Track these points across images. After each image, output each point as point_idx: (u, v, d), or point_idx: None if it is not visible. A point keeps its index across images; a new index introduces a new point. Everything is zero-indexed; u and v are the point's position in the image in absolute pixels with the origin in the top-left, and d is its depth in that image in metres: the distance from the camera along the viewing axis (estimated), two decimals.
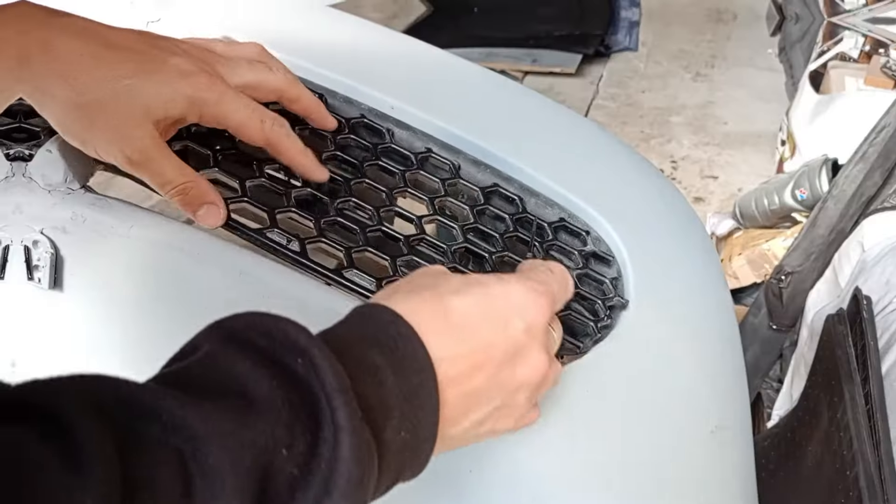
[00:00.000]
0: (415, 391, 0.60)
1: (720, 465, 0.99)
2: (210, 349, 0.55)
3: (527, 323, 0.69)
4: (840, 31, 3.66)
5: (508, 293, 0.69)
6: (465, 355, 0.65)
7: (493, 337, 0.67)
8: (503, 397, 0.68)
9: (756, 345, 2.42)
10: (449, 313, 0.65)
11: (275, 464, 0.50)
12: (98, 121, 0.77)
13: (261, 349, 0.55)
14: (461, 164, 1.03)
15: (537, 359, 0.70)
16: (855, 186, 2.09)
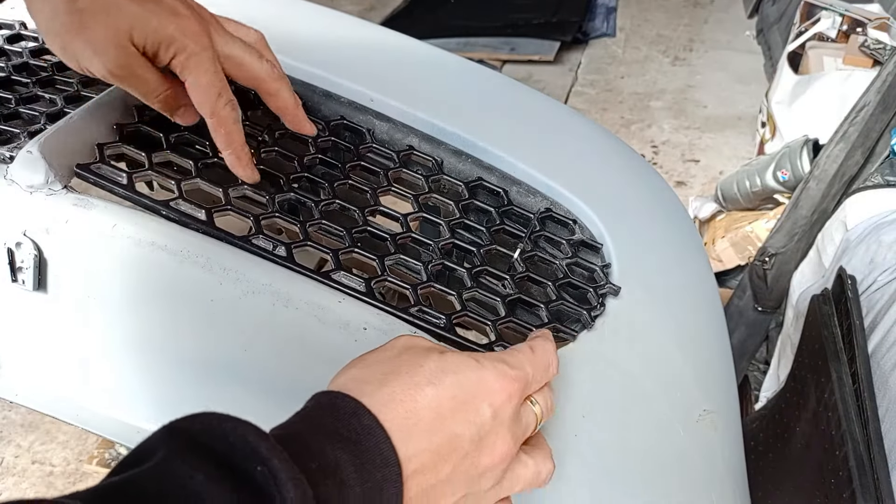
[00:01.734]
0: (378, 486, 0.59)
1: (709, 449, 0.99)
2: (165, 455, 0.52)
3: (493, 409, 0.67)
4: (817, 11, 3.67)
5: (481, 378, 0.68)
6: (432, 449, 0.63)
7: (461, 427, 0.65)
8: (467, 485, 0.67)
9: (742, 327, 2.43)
10: (419, 408, 0.64)
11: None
12: (84, 29, 0.79)
13: (218, 456, 0.52)
14: (444, 158, 1.03)
15: (502, 445, 0.68)
16: (836, 166, 2.10)
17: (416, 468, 0.62)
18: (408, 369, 0.66)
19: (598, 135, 1.26)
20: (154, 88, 0.84)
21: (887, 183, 1.98)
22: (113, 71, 0.80)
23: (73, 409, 0.84)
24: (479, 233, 0.96)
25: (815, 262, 2.14)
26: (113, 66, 0.80)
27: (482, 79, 1.25)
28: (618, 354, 0.92)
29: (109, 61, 0.80)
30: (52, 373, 0.85)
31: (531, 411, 0.72)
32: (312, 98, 1.05)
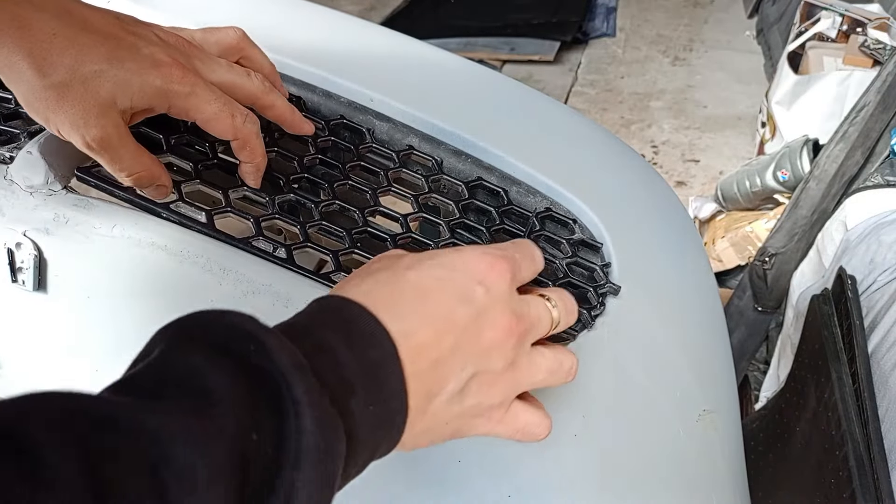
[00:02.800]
0: (375, 365, 0.60)
1: (709, 449, 0.99)
2: (164, 348, 0.54)
3: (486, 286, 0.68)
4: (817, 11, 3.67)
5: (465, 261, 0.69)
6: (425, 325, 0.64)
7: (453, 304, 0.66)
8: (475, 363, 0.67)
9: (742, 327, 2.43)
10: (404, 289, 0.65)
11: (248, 450, 0.50)
12: (63, 104, 0.76)
13: (213, 343, 0.54)
14: (443, 158, 1.03)
15: (502, 319, 0.68)
16: (836, 166, 2.10)
17: (414, 344, 0.63)
18: (386, 266, 0.68)
19: (598, 135, 1.26)
20: (129, 167, 0.81)
21: (887, 183, 1.98)
22: (90, 144, 0.78)
23: None
24: (479, 233, 0.96)
25: (815, 262, 2.14)
26: (90, 139, 0.78)
27: (482, 79, 1.25)
28: (618, 354, 0.91)
29: (88, 133, 0.77)
30: (52, 373, 0.85)
31: (542, 304, 0.73)
32: (312, 98, 1.04)
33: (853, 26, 3.47)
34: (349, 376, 0.58)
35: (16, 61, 0.75)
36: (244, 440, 0.50)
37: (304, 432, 0.51)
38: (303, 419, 0.52)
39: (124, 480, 0.44)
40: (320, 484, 0.52)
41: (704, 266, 1.19)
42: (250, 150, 0.86)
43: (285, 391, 0.52)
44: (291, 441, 0.51)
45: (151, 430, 0.46)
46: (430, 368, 0.64)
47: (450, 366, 0.65)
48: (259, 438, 0.50)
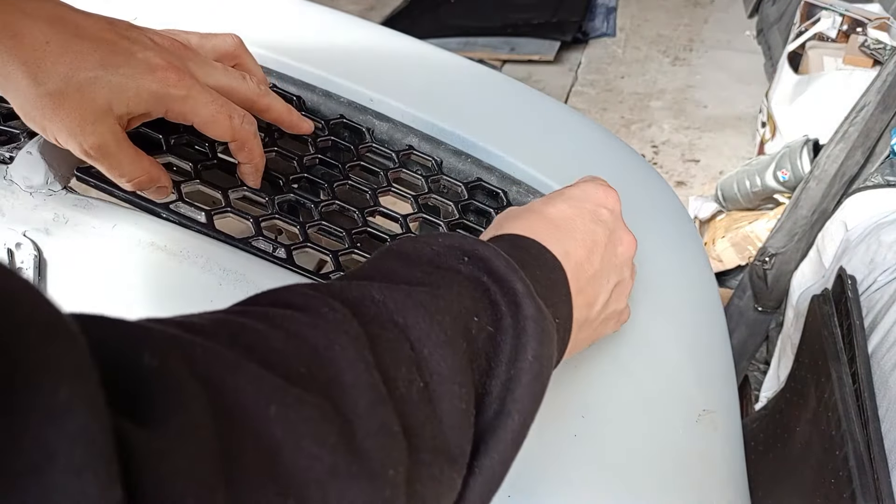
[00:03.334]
0: (554, 284, 0.69)
1: (709, 449, 0.99)
2: (381, 263, 0.62)
3: (609, 208, 0.81)
4: (817, 11, 3.67)
5: (586, 191, 0.81)
6: (578, 247, 0.75)
7: (592, 226, 0.78)
8: (617, 274, 0.81)
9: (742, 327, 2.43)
10: (551, 220, 0.76)
11: (471, 326, 0.57)
12: (59, 111, 0.76)
13: (427, 257, 0.63)
14: (443, 158, 1.03)
15: (626, 236, 0.83)
16: (837, 166, 2.10)
17: (574, 264, 0.73)
18: (525, 211, 0.78)
19: (598, 135, 1.26)
20: (128, 172, 0.81)
21: (887, 183, 1.98)
22: (87, 151, 0.78)
23: None
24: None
25: (815, 262, 2.14)
26: (88, 147, 0.77)
27: (482, 79, 1.25)
28: (617, 354, 0.91)
29: (85, 141, 0.77)
30: None
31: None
32: (312, 98, 1.04)
33: (853, 26, 3.47)
34: (541, 290, 0.65)
35: (10, 70, 0.75)
36: (468, 318, 0.57)
37: (528, 318, 0.59)
38: (524, 308, 0.59)
39: (381, 331, 0.52)
40: (545, 361, 0.60)
41: (704, 266, 1.19)
42: (248, 151, 0.87)
43: (505, 285, 0.60)
44: (511, 327, 0.59)
45: (397, 303, 0.55)
46: (588, 283, 0.76)
47: (600, 279, 0.78)
48: (480, 321, 0.58)
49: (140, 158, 0.81)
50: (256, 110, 0.90)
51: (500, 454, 0.56)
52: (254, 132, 0.86)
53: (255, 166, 0.89)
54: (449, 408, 0.52)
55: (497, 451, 0.56)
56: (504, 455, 0.57)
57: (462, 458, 0.53)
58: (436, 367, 0.53)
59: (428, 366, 0.53)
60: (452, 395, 0.53)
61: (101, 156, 0.78)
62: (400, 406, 0.49)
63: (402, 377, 0.50)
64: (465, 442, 0.54)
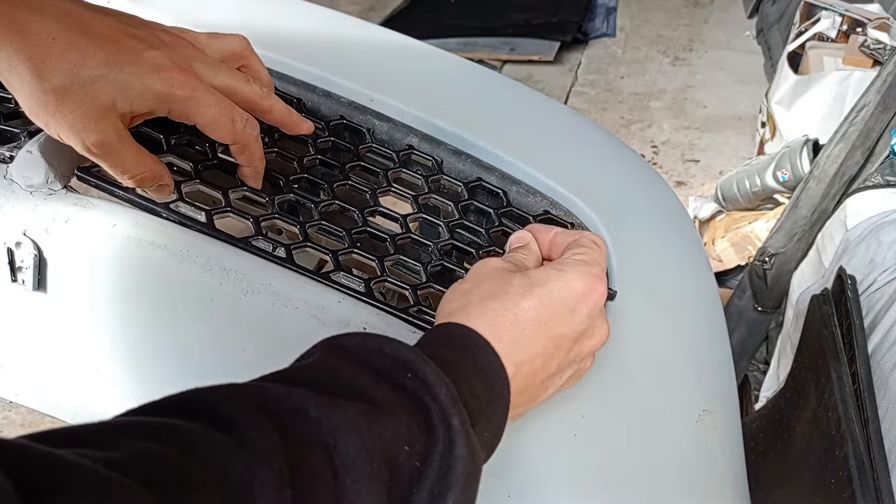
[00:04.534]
0: (495, 398, 0.68)
1: (709, 449, 0.99)
2: (329, 360, 0.62)
3: (588, 308, 0.77)
4: (817, 11, 3.67)
5: (569, 286, 0.76)
6: (538, 353, 0.72)
7: (562, 328, 0.74)
8: (573, 367, 0.78)
9: (742, 327, 2.43)
10: (519, 319, 0.72)
11: (399, 457, 0.57)
12: (63, 108, 0.76)
13: (376, 368, 0.61)
14: (443, 158, 1.02)
15: (600, 331, 0.79)
16: (836, 166, 2.10)
17: (526, 372, 0.71)
18: (499, 290, 0.74)
19: (598, 135, 1.26)
20: (130, 169, 0.81)
21: (887, 183, 1.98)
22: (90, 148, 0.78)
23: (73, 410, 0.85)
24: (478, 234, 0.96)
25: (815, 262, 2.14)
26: (91, 143, 0.77)
27: (482, 79, 1.25)
28: (617, 354, 0.91)
29: (88, 138, 0.77)
30: (52, 373, 0.85)
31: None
32: (312, 98, 1.04)
33: (853, 26, 3.47)
34: (479, 407, 0.65)
35: (16, 66, 0.75)
36: (398, 448, 0.57)
37: (458, 458, 0.58)
38: (457, 447, 0.59)
39: (309, 457, 0.52)
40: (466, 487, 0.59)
41: (704, 266, 1.19)
42: (249, 154, 0.87)
43: (440, 418, 0.59)
44: (439, 460, 0.58)
45: (332, 422, 0.55)
46: (539, 385, 0.74)
47: (553, 379, 0.76)
48: (410, 451, 0.57)
49: (142, 155, 0.81)
50: (259, 112, 0.89)
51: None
52: (255, 136, 0.86)
53: (255, 169, 0.89)
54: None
55: None
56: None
57: None
58: (354, 498, 0.53)
59: (347, 496, 0.53)
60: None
61: (104, 153, 0.78)
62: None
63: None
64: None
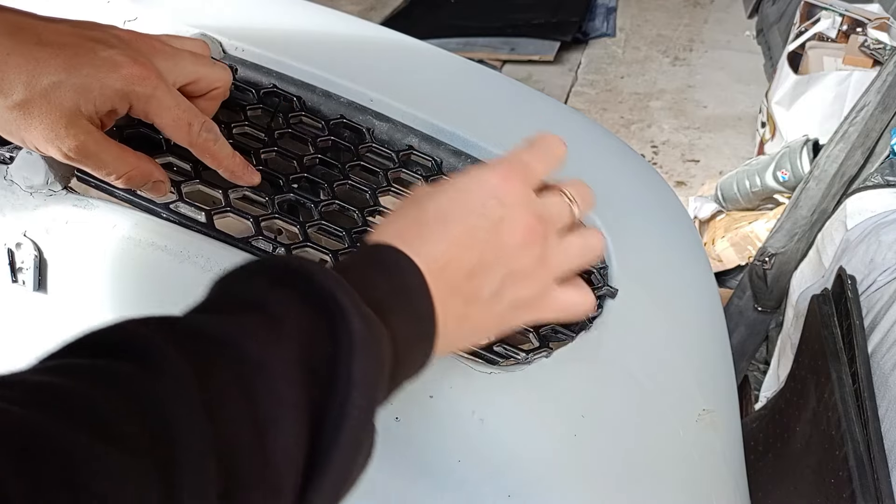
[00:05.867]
0: (408, 289, 0.67)
1: (709, 449, 0.99)
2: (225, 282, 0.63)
3: (498, 198, 0.74)
4: (817, 11, 3.67)
5: (480, 181, 0.75)
6: (450, 247, 0.71)
7: (472, 220, 0.72)
8: (504, 265, 0.74)
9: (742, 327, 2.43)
10: (424, 215, 0.72)
11: (306, 351, 0.57)
12: (30, 120, 0.76)
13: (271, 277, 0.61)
14: (443, 158, 1.02)
15: (520, 219, 0.74)
16: (836, 166, 2.10)
17: (442, 265, 0.70)
18: (411, 202, 0.75)
19: (598, 135, 1.26)
20: (115, 169, 0.81)
21: (887, 183, 1.98)
22: (67, 154, 0.78)
23: None
24: None
25: (815, 262, 2.14)
26: (67, 150, 0.77)
27: (482, 79, 1.25)
28: (617, 354, 0.92)
29: (63, 145, 0.77)
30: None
31: (559, 200, 0.80)
32: (312, 98, 1.04)
33: (853, 26, 3.47)
34: (384, 297, 0.64)
35: None
36: (302, 343, 0.57)
37: (353, 331, 0.58)
38: (351, 322, 0.58)
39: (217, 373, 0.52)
40: (373, 370, 0.59)
41: (704, 266, 1.19)
42: (212, 157, 0.86)
43: (333, 305, 0.59)
44: (344, 340, 0.58)
45: (230, 335, 0.55)
46: (465, 281, 0.71)
47: (481, 275, 0.72)
48: (314, 343, 0.58)
49: (124, 154, 0.81)
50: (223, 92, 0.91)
51: (331, 482, 0.57)
52: (213, 138, 0.85)
53: (228, 168, 0.88)
54: (282, 444, 0.53)
55: (329, 478, 0.56)
56: (337, 478, 0.57)
57: (289, 490, 0.54)
58: (267, 400, 0.53)
59: (260, 397, 0.53)
60: (283, 421, 0.54)
61: (82, 156, 0.78)
62: (228, 445, 0.49)
63: (231, 417, 0.51)
64: (294, 473, 0.54)
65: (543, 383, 0.84)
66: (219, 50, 1.06)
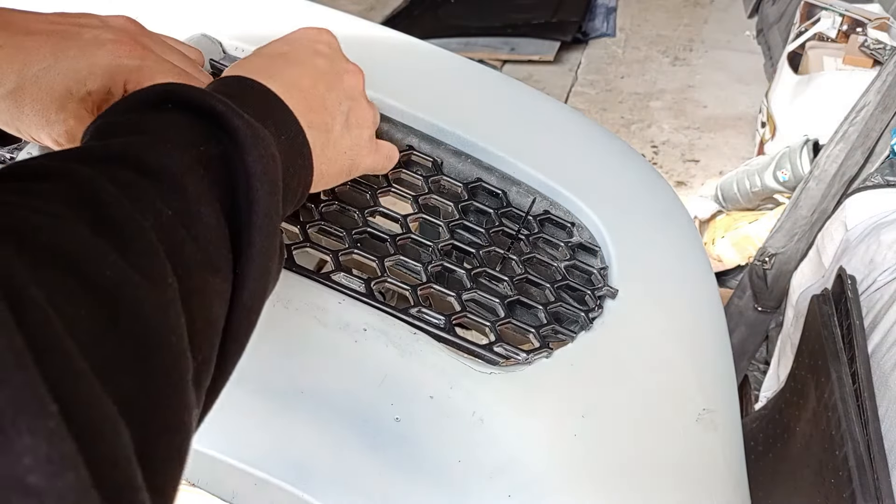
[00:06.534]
0: (274, 109, 0.72)
1: (709, 449, 0.99)
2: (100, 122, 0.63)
3: (325, 43, 0.87)
4: (817, 11, 3.67)
5: (301, 32, 0.87)
6: (302, 76, 0.80)
7: (312, 59, 0.83)
8: (347, 99, 0.85)
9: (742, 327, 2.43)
10: (263, 56, 0.82)
11: (200, 155, 0.59)
12: (22, 107, 0.76)
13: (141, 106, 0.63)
14: (443, 158, 1.03)
15: (350, 66, 0.88)
16: (836, 166, 2.10)
17: (298, 91, 0.78)
18: (248, 58, 0.82)
19: (598, 135, 1.26)
20: None
21: (887, 183, 1.98)
22: (57, 140, 0.78)
23: None
24: (478, 234, 0.96)
25: (815, 262, 2.14)
26: (56, 135, 0.78)
27: (482, 79, 1.25)
28: (617, 355, 0.92)
29: (53, 130, 0.77)
30: None
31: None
32: None
33: (853, 26, 3.47)
34: (259, 114, 0.68)
35: None
36: (194, 149, 0.59)
37: (236, 129, 0.61)
38: (231, 121, 0.61)
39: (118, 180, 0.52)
40: (266, 161, 0.62)
41: (704, 266, 1.19)
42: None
43: (208, 110, 0.62)
44: (228, 140, 0.61)
45: (121, 153, 0.55)
46: (320, 107, 0.80)
47: (331, 103, 0.82)
48: (204, 148, 0.60)
49: None
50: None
51: (255, 248, 0.60)
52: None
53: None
54: (200, 227, 0.56)
55: (251, 245, 0.60)
56: (258, 247, 0.60)
57: (225, 267, 0.58)
58: (178, 195, 0.55)
59: (171, 196, 0.55)
60: (200, 215, 0.56)
61: (73, 142, 0.78)
62: (155, 232, 0.51)
63: (149, 209, 0.52)
64: (224, 251, 0.58)
65: (543, 383, 0.84)
66: (219, 50, 1.06)
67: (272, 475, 0.76)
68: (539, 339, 0.87)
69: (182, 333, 0.49)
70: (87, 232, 0.46)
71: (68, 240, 0.44)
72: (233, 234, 0.59)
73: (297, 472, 0.76)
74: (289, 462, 0.76)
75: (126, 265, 0.46)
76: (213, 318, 0.55)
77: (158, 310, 0.47)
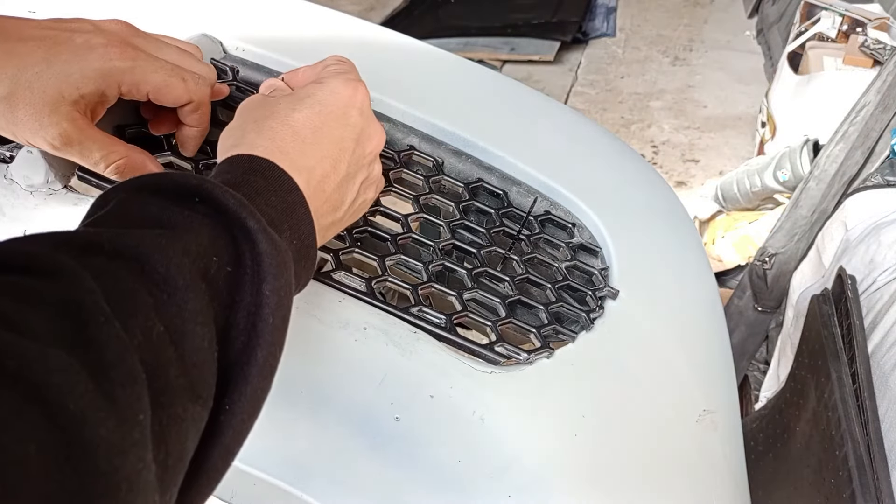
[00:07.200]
0: (293, 207, 0.70)
1: (709, 449, 0.99)
2: (122, 198, 0.61)
3: (358, 108, 0.82)
4: (817, 11, 3.67)
5: (334, 91, 0.81)
6: (323, 159, 0.77)
7: (339, 131, 0.79)
8: (364, 171, 0.84)
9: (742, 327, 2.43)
10: (297, 131, 0.76)
11: (211, 269, 0.58)
12: (16, 112, 0.77)
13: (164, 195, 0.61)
14: (444, 158, 1.03)
15: (376, 132, 0.85)
16: (836, 166, 2.10)
17: (318, 178, 0.76)
18: (269, 113, 0.78)
19: (598, 135, 1.26)
20: (102, 156, 0.81)
21: (887, 183, 1.98)
22: (53, 143, 0.78)
23: None
24: (479, 234, 0.96)
25: (815, 262, 2.14)
26: (50, 139, 0.78)
27: (482, 79, 1.25)
28: (618, 355, 0.92)
29: (47, 134, 0.77)
30: None
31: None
32: None
33: (853, 26, 3.47)
34: (278, 216, 0.67)
35: None
36: (207, 260, 0.58)
37: (262, 253, 0.60)
38: (259, 244, 0.60)
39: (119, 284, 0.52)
40: (283, 292, 0.61)
41: (704, 266, 1.19)
42: (202, 114, 0.87)
43: (237, 225, 0.61)
44: (249, 261, 0.60)
45: (129, 247, 0.54)
46: (335, 190, 0.78)
47: (347, 183, 0.81)
48: (220, 262, 0.58)
49: (112, 143, 0.82)
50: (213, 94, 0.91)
51: (250, 386, 0.58)
52: (208, 92, 0.87)
53: (201, 132, 0.89)
54: (190, 348, 0.54)
55: (247, 383, 0.58)
56: (255, 386, 0.58)
57: (207, 394, 0.55)
58: (175, 310, 0.54)
59: (167, 309, 0.53)
60: (193, 335, 0.54)
61: (66, 144, 0.79)
62: (141, 352, 0.49)
63: (140, 324, 0.51)
64: (209, 377, 0.55)
65: (544, 383, 0.84)
66: (219, 50, 1.06)
67: (271, 475, 0.75)
68: (540, 339, 0.87)
69: (137, 478, 0.46)
70: (61, 355, 0.44)
71: (37, 368, 0.43)
72: (225, 361, 0.58)
73: (297, 472, 0.75)
74: (288, 462, 0.76)
75: (96, 396, 0.45)
76: (186, 451, 0.53)
77: (117, 454, 0.45)
